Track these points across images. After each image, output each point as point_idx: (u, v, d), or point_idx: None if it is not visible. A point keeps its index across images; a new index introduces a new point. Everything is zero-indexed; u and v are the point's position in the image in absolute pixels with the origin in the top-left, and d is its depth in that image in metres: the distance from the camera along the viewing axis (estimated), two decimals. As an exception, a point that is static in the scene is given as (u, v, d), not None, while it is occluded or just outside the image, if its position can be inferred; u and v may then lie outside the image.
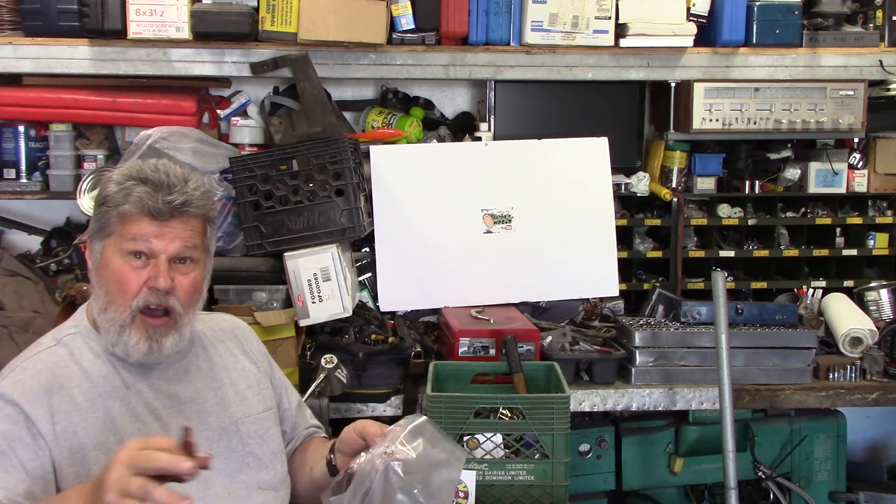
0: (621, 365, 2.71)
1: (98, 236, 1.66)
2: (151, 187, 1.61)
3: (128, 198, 1.61)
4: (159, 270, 1.62)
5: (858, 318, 2.88)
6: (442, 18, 2.90)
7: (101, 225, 1.65)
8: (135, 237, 1.61)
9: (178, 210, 1.63)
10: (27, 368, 1.63)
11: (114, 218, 1.63)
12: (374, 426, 1.66)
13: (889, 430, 3.61)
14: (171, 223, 1.63)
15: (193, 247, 1.66)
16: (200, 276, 1.70)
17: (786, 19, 3.02)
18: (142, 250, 1.62)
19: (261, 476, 1.76)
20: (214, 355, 1.83)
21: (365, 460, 1.55)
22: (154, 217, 1.61)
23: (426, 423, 1.57)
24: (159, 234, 1.62)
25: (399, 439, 1.53)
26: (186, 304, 1.67)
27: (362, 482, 1.51)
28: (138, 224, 1.61)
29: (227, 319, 1.97)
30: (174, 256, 1.64)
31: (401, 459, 1.50)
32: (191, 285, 1.67)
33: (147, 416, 1.66)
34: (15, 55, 2.81)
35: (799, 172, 3.23)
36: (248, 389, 1.83)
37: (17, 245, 3.18)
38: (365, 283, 2.99)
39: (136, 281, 1.62)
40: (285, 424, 1.94)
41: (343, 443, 1.73)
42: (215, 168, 2.76)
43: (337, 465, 1.75)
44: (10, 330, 2.57)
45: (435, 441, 1.56)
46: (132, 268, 1.62)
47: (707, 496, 3.06)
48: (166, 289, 1.62)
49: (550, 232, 2.99)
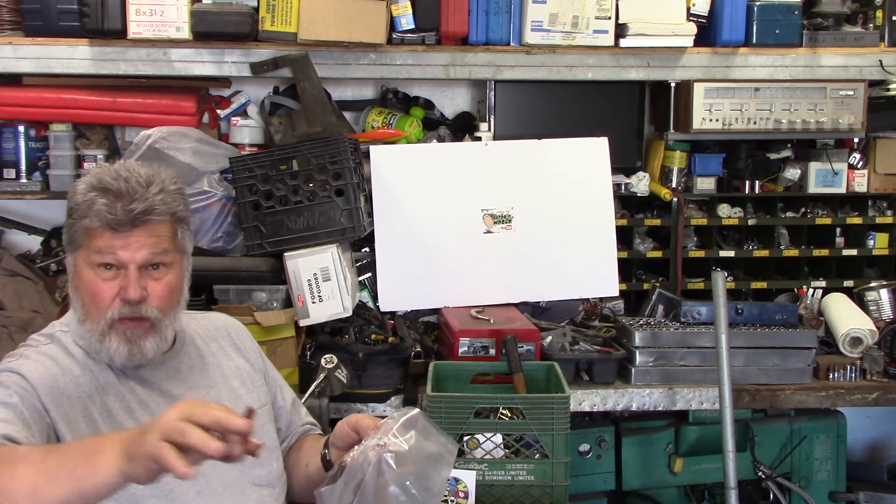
0: (621, 365, 2.70)
1: (69, 248, 1.67)
2: (112, 197, 1.59)
3: (90, 210, 1.60)
4: (129, 281, 1.61)
5: (858, 318, 2.88)
6: (442, 18, 2.90)
7: (70, 238, 1.66)
8: (101, 250, 1.61)
9: (139, 219, 1.61)
10: (30, 356, 1.65)
11: (80, 231, 1.63)
12: (367, 419, 1.66)
13: (889, 430, 3.61)
14: (135, 232, 1.61)
15: (163, 252, 1.65)
16: (176, 278, 1.69)
17: (786, 19, 3.02)
18: (110, 262, 1.61)
19: (255, 472, 1.75)
20: (207, 354, 1.84)
21: (357, 452, 1.55)
22: (115, 229, 1.60)
23: (419, 415, 1.57)
24: (124, 245, 1.61)
25: (392, 431, 1.53)
26: (163, 308, 1.66)
27: (354, 474, 1.52)
28: (102, 237, 1.60)
29: (220, 318, 1.97)
30: (143, 264, 1.63)
31: (393, 451, 1.50)
32: (165, 290, 1.66)
33: (140, 411, 1.66)
34: (15, 55, 2.81)
35: (799, 172, 3.23)
36: (242, 387, 1.84)
37: (17, 245, 3.18)
38: (365, 283, 2.99)
39: (109, 293, 1.62)
40: (280, 422, 1.95)
41: (337, 437, 1.74)
42: (215, 168, 2.76)
43: (331, 459, 1.76)
44: (10, 330, 2.58)
45: (427, 433, 1.56)
46: (103, 280, 1.62)
47: (707, 496, 3.06)
48: (137, 299, 1.61)
49: (550, 232, 2.99)
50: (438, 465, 1.55)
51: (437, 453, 1.56)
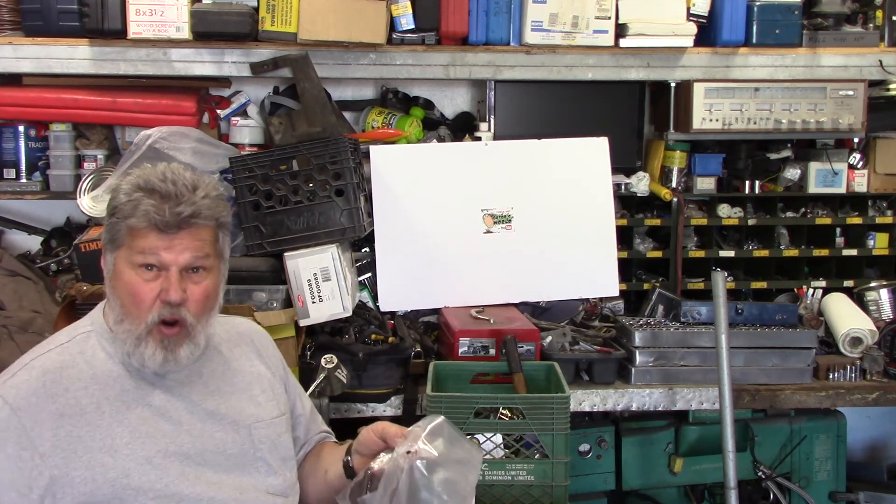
0: (621, 365, 2.70)
1: (110, 247, 1.66)
2: (158, 199, 1.60)
3: (135, 210, 1.60)
4: (171, 283, 1.61)
5: (858, 318, 2.88)
6: (442, 18, 2.91)
7: (112, 236, 1.65)
8: (144, 251, 1.60)
9: (186, 222, 1.61)
10: (35, 367, 1.63)
11: (123, 230, 1.62)
12: (394, 427, 1.66)
13: (889, 430, 3.61)
14: (180, 235, 1.61)
15: (205, 256, 1.65)
16: (213, 284, 1.69)
17: (786, 19, 3.02)
18: (152, 263, 1.61)
19: (270, 481, 1.75)
20: (230, 359, 1.82)
21: (389, 459, 1.57)
22: (162, 230, 1.60)
23: (444, 423, 1.60)
24: (168, 247, 1.61)
25: (420, 439, 1.56)
26: (199, 314, 1.66)
27: (391, 481, 1.54)
28: (147, 237, 1.60)
29: (243, 323, 1.96)
30: (185, 267, 1.63)
31: (424, 458, 1.53)
32: (203, 294, 1.66)
33: (158, 418, 1.65)
34: (15, 55, 2.81)
35: (799, 172, 3.23)
36: (263, 394, 1.82)
37: (17, 245, 3.19)
38: (365, 283, 2.99)
39: (150, 294, 1.61)
40: (298, 430, 1.94)
41: (362, 444, 1.73)
42: (215, 168, 2.76)
43: (354, 466, 1.76)
44: (10, 330, 2.57)
45: (454, 440, 1.59)
46: (144, 280, 1.61)
47: (707, 496, 3.06)
48: (178, 301, 1.61)
49: (550, 232, 2.99)
50: (466, 469, 1.58)
51: (465, 459, 1.59)
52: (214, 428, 1.70)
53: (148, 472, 1.59)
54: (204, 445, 1.67)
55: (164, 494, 1.60)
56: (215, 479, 1.66)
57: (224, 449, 1.70)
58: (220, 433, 1.71)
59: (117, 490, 1.57)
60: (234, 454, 1.71)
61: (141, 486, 1.58)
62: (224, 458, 1.69)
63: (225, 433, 1.72)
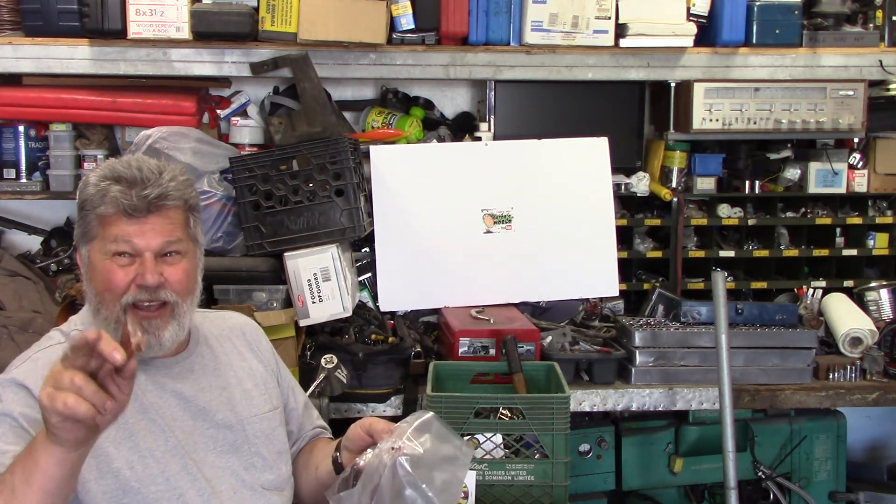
0: (621, 365, 2.70)
1: (83, 241, 1.66)
2: (126, 185, 1.60)
3: (104, 198, 1.60)
4: (146, 267, 1.61)
5: (858, 318, 2.88)
6: (442, 18, 2.90)
7: (84, 230, 1.65)
8: (116, 238, 1.61)
9: (154, 204, 1.61)
10: (39, 359, 1.63)
11: (94, 221, 1.63)
12: (381, 423, 1.65)
13: (889, 430, 3.61)
14: (150, 219, 1.62)
15: (178, 240, 1.65)
16: (191, 266, 1.69)
17: (786, 19, 3.02)
18: (125, 250, 1.61)
19: (265, 476, 1.75)
20: (221, 354, 1.82)
21: (372, 456, 1.55)
22: (131, 215, 1.60)
23: (433, 418, 1.57)
24: (139, 232, 1.61)
25: (406, 435, 1.53)
26: (182, 293, 1.66)
27: (371, 477, 1.52)
28: (117, 224, 1.61)
29: (234, 317, 1.96)
30: (158, 251, 1.63)
31: (408, 454, 1.50)
32: (182, 274, 1.66)
33: (152, 412, 1.65)
34: (15, 55, 2.81)
35: (799, 172, 3.24)
36: (255, 389, 1.82)
37: (17, 245, 3.18)
38: (365, 283, 2.99)
39: (124, 279, 1.61)
40: (291, 424, 1.94)
41: (349, 440, 1.73)
42: (215, 168, 2.76)
43: (342, 462, 1.75)
44: (10, 330, 2.57)
45: (442, 437, 1.56)
46: (119, 266, 1.61)
47: (707, 496, 3.06)
48: (155, 284, 1.61)
49: (550, 232, 2.99)
50: (454, 467, 1.55)
51: (453, 456, 1.56)
52: (207, 424, 1.70)
53: (150, 466, 1.60)
54: (197, 442, 1.67)
55: (166, 488, 1.60)
56: (210, 474, 1.66)
57: (218, 445, 1.70)
58: (213, 429, 1.71)
59: (121, 482, 1.57)
60: (228, 450, 1.71)
61: (143, 480, 1.59)
62: (217, 454, 1.69)
63: (218, 429, 1.72)
